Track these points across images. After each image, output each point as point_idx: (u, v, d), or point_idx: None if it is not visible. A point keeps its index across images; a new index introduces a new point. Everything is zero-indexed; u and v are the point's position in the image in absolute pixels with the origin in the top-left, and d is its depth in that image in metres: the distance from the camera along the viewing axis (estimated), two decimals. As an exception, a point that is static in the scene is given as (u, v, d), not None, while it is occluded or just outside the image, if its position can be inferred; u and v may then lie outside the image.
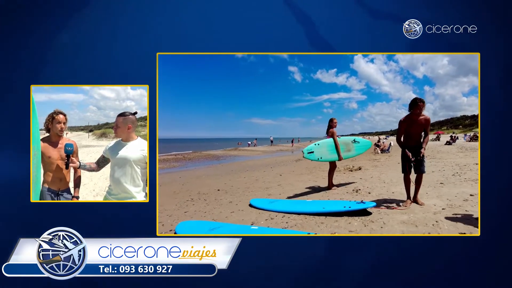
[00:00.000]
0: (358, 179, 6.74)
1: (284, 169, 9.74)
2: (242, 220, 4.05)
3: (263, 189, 6.14)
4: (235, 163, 12.82)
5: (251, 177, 8.02)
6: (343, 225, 3.62)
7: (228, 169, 10.25)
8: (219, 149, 21.49)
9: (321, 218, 3.91)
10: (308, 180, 7.16)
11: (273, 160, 13.32)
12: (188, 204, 5.06)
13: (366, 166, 8.93)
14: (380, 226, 3.54)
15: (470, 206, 4.18)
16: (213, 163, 12.76)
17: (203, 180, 7.60)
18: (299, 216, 4.06)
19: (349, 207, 3.96)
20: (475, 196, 4.66)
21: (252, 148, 23.54)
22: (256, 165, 11.49)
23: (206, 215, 4.39)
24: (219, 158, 14.92)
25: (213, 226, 3.62)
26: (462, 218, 3.72)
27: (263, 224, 3.83)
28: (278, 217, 4.09)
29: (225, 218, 4.20)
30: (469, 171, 6.77)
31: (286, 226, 3.72)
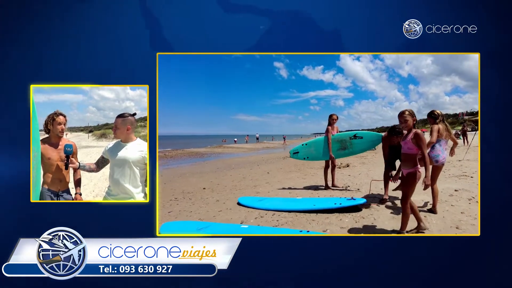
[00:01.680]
0: (346, 176, 6.83)
1: (272, 166, 9.74)
2: (230, 219, 4.00)
3: (251, 187, 6.09)
4: (220, 160, 12.65)
5: (237, 175, 7.96)
6: (334, 222, 3.67)
7: (213, 166, 10.08)
8: (202, 146, 21.24)
9: (312, 215, 3.94)
10: (297, 177, 7.19)
11: (259, 158, 13.32)
12: (171, 203, 4.90)
13: (354, 163, 9.05)
14: (371, 222, 3.62)
15: (455, 201, 4.34)
16: (196, 160, 12.50)
17: (187, 179, 7.38)
18: (290, 213, 4.05)
19: (340, 204, 4.02)
20: (460, 191, 4.83)
21: (237, 145, 23.45)
22: (242, 162, 11.45)
23: (192, 214, 4.28)
24: (203, 156, 14.68)
25: (200, 226, 3.53)
26: (449, 213, 3.86)
27: (253, 223, 3.81)
28: (268, 215, 4.07)
29: (213, 217, 4.12)
30: (452, 167, 6.97)
31: (277, 224, 3.71)
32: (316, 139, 5.61)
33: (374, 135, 5.20)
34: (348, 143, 5.28)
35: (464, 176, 6.04)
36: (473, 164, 7.45)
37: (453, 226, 3.41)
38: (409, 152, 2.96)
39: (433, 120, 3.91)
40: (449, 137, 3.92)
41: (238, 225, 3.62)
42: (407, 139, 3.00)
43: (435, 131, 3.85)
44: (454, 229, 3.33)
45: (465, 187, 5.13)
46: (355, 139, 5.24)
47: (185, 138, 33.29)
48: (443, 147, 3.89)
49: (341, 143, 5.34)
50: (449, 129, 3.91)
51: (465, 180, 5.77)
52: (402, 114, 3.03)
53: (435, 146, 3.88)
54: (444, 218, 3.69)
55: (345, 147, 5.32)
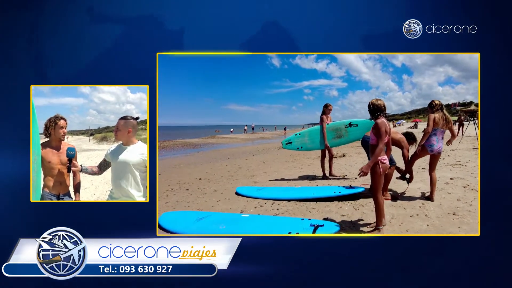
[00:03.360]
0: (343, 166, 6.84)
1: (267, 156, 9.72)
2: (230, 209, 3.96)
3: (248, 177, 6.06)
4: (214, 151, 12.58)
5: (233, 165, 7.91)
6: (334, 210, 3.68)
7: (207, 157, 10.01)
8: (195, 137, 21.07)
9: (311, 203, 3.94)
10: (294, 167, 7.19)
11: (254, 148, 13.28)
12: (168, 194, 4.86)
13: (350, 153, 9.08)
14: (370, 209, 3.63)
15: (451, 189, 4.38)
16: (190, 151, 12.36)
17: (182, 169, 7.29)
18: (289, 202, 4.05)
19: (339, 192, 4.03)
20: (455, 179, 4.88)
21: (231, 136, 23.36)
22: (237, 152, 11.41)
23: (190, 205, 4.24)
24: (196, 146, 14.58)
25: (200, 216, 3.48)
26: (446, 200, 3.90)
27: (252, 212, 3.78)
28: (267, 204, 4.05)
29: (212, 207, 4.08)
30: (447, 156, 7.05)
31: (277, 212, 3.70)
32: (310, 129, 5.57)
33: (369, 122, 5.08)
34: (344, 131, 5.27)
35: (458, 165, 6.11)
36: (466, 153, 7.54)
37: (450, 213, 3.45)
38: (371, 143, 2.93)
39: (431, 110, 3.91)
40: (446, 127, 3.90)
41: (238, 215, 3.58)
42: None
43: (430, 120, 3.86)
44: (452, 216, 3.37)
45: (460, 175, 5.19)
46: (351, 127, 5.24)
47: (175, 128, 32.92)
48: (439, 136, 3.89)
49: (336, 132, 5.32)
50: (448, 118, 3.88)
51: (460, 168, 5.84)
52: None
53: (430, 135, 3.89)
54: (441, 205, 3.73)
55: (340, 135, 5.30)
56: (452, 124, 3.95)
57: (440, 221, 3.24)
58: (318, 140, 5.42)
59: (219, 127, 29.91)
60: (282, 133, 26.46)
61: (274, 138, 21.46)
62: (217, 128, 29.71)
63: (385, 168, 2.91)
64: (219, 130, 27.56)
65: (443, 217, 3.34)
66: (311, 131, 5.51)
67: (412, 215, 3.42)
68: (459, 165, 6.12)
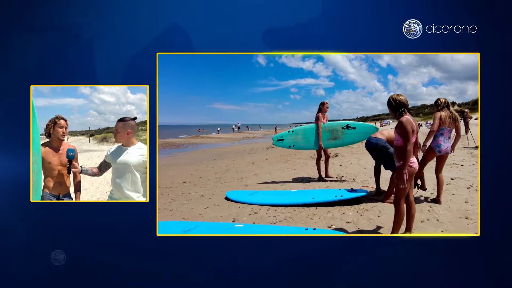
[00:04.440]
0: (338, 166, 6.56)
1: (256, 157, 9.31)
2: (220, 217, 3.54)
3: (237, 180, 5.64)
4: (198, 151, 12.05)
5: (220, 166, 7.47)
6: (338, 216, 3.35)
7: (192, 158, 9.49)
8: (176, 136, 20.46)
9: (311, 209, 3.59)
10: (286, 168, 6.84)
11: (241, 148, 12.87)
12: None
13: (343, 153, 8.82)
14: (377, 215, 3.35)
15: (455, 190, 4.18)
16: (172, 151, 11.75)
17: (164, 171, 6.78)
18: (287, 208, 3.66)
19: (341, 196, 3.71)
20: (456, 179, 4.69)
21: (216, 136, 22.87)
22: (223, 153, 10.98)
23: (173, 213, 3.76)
24: (179, 146, 14.00)
25: (186, 227, 3.05)
26: (453, 202, 3.67)
27: (246, 221, 3.38)
28: (262, 210, 3.65)
29: (199, 215, 3.64)
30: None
31: (275, 221, 3.31)
32: (304, 127, 5.20)
33: (367, 126, 4.92)
34: (340, 133, 4.97)
35: (454, 165, 5.97)
36: (460, 153, 7.42)
37: (462, 217, 3.22)
38: (396, 144, 2.59)
39: (437, 108, 3.69)
40: (453, 126, 3.67)
41: (231, 224, 3.18)
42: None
43: (436, 118, 3.65)
44: (464, 220, 3.14)
45: (459, 175, 5.03)
46: (348, 129, 4.93)
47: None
48: (446, 136, 3.66)
49: (332, 133, 5.01)
50: (455, 117, 3.65)
51: (457, 168, 5.70)
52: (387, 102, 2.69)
53: (436, 135, 3.66)
54: (450, 208, 3.50)
55: (336, 137, 5.00)
56: (459, 122, 3.72)
57: (454, 226, 3.00)
58: (312, 139, 5.08)
59: (203, 127, 29.38)
60: (268, 133, 26.18)
61: (260, 138, 21.11)
62: (200, 127, 29.16)
63: (413, 172, 2.58)
64: (204, 130, 26.99)
65: (455, 222, 3.10)
66: (305, 129, 5.14)
67: (423, 220, 3.17)
68: (455, 164, 5.99)
